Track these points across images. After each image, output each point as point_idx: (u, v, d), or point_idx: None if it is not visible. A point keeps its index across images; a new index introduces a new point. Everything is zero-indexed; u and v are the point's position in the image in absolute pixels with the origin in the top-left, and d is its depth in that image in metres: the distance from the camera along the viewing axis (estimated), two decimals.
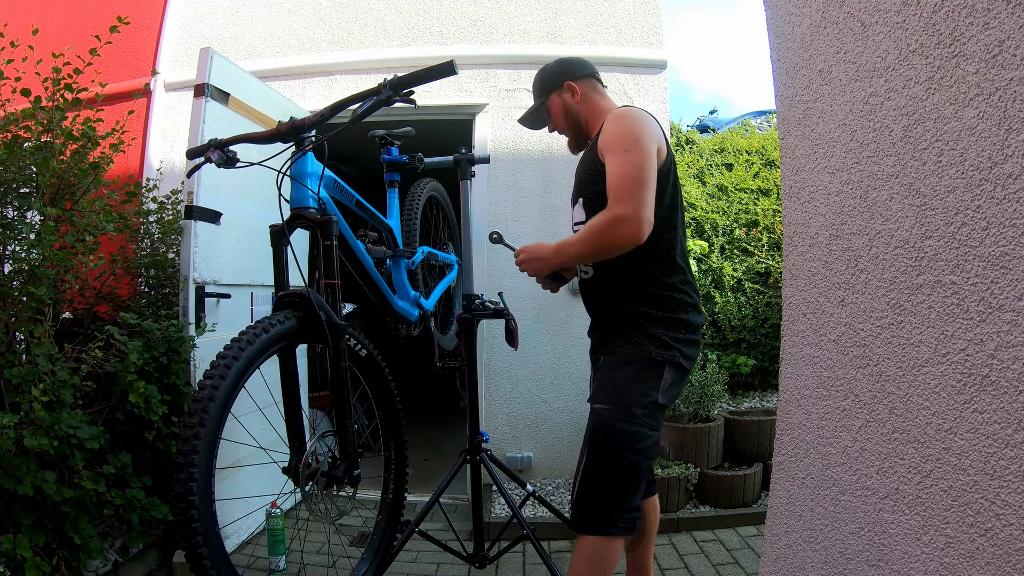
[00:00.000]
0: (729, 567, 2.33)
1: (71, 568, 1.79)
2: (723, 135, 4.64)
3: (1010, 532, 0.73)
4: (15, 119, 2.03)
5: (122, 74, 3.39)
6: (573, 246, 1.46)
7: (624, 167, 1.38)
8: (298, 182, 1.40)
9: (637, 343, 1.44)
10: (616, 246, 1.38)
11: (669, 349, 1.44)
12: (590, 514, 1.42)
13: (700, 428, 2.92)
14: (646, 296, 1.47)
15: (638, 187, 1.35)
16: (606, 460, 1.40)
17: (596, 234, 1.38)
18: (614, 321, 1.51)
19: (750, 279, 3.73)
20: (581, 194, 1.56)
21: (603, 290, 1.54)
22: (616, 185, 1.37)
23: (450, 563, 2.32)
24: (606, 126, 1.48)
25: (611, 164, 1.40)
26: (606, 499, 1.41)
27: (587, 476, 1.42)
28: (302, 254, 1.66)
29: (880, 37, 0.92)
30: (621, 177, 1.37)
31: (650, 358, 1.43)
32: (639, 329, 1.45)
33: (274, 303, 1.37)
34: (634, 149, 1.39)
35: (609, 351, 1.51)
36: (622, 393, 1.42)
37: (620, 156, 1.39)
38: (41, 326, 1.81)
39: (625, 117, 1.46)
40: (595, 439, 1.43)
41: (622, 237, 1.35)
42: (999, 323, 0.75)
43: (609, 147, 1.43)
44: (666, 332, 1.45)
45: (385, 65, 3.34)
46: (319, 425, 2.57)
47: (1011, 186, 0.72)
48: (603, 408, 1.43)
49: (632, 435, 1.40)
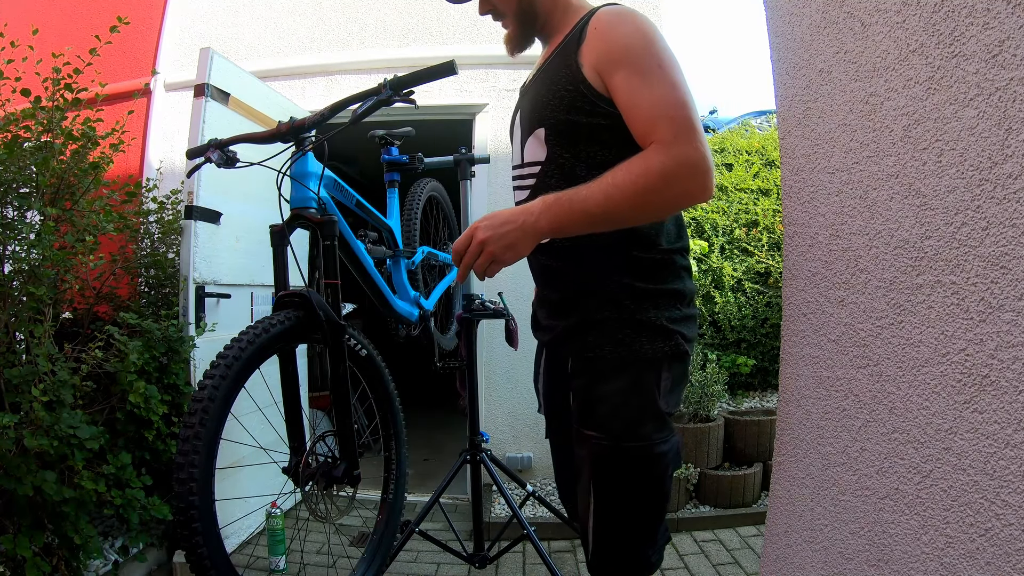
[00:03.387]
0: (729, 567, 2.33)
1: (71, 568, 1.79)
2: (723, 135, 4.64)
3: (1010, 532, 0.73)
4: (15, 119, 2.03)
5: (122, 74, 3.39)
6: (594, 203, 0.96)
7: (666, 90, 0.97)
8: (298, 182, 1.40)
9: (625, 341, 1.06)
10: (679, 204, 1.02)
11: (668, 337, 1.07)
12: (620, 564, 1.11)
13: (700, 428, 2.92)
14: (635, 264, 1.07)
15: (696, 118, 0.97)
16: (622, 498, 1.08)
17: (655, 185, 0.94)
18: (589, 302, 1.10)
19: (750, 279, 3.73)
20: (542, 122, 1.09)
21: (575, 254, 1.10)
22: (664, 115, 0.96)
23: (450, 563, 2.32)
24: (602, 29, 1.02)
25: (638, 85, 0.98)
26: (634, 541, 1.11)
27: (603, 522, 1.09)
28: (302, 254, 1.66)
29: (880, 37, 0.92)
30: (669, 104, 0.97)
31: (645, 359, 1.07)
32: (626, 317, 1.07)
33: (274, 303, 1.36)
34: (669, 64, 0.99)
35: (586, 353, 1.10)
36: (619, 413, 1.07)
37: (654, 74, 0.98)
38: (41, 326, 1.81)
39: (635, 19, 1.02)
40: (601, 477, 1.08)
41: (693, 190, 0.96)
42: (999, 323, 0.75)
43: (626, 61, 0.99)
44: (660, 313, 1.07)
45: (385, 65, 3.35)
46: (319, 425, 2.57)
47: (1011, 186, 0.72)
48: (600, 437, 1.07)
49: (647, 459, 1.07)
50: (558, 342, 1.17)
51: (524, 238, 0.98)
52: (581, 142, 1.06)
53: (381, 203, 2.07)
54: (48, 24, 3.36)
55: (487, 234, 0.97)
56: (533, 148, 1.12)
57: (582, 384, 1.12)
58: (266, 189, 1.43)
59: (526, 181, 1.16)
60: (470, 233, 0.99)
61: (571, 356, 1.14)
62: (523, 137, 1.14)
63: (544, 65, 1.14)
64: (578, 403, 1.12)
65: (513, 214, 0.99)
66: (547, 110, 1.07)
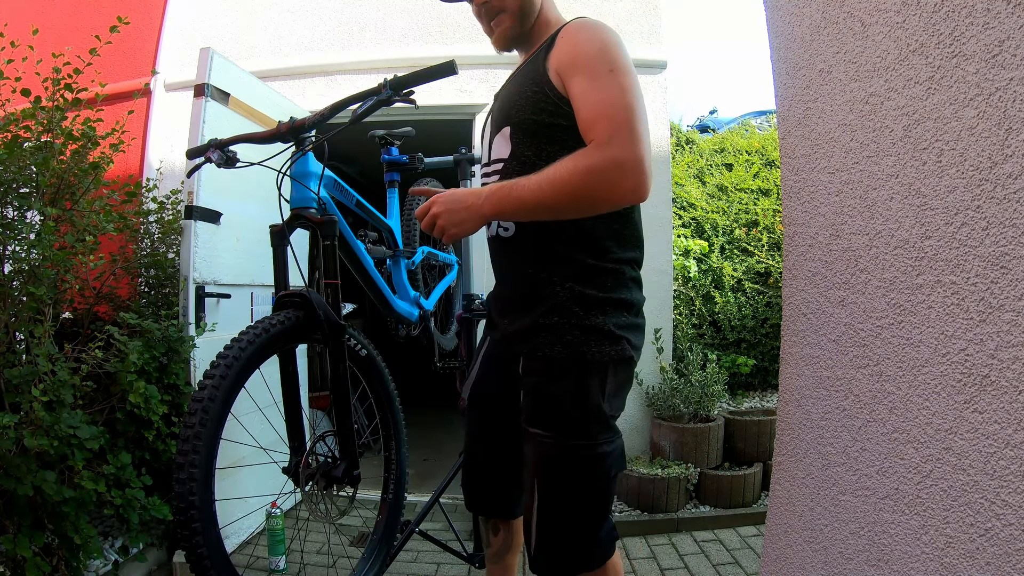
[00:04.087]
0: (729, 567, 2.33)
1: (71, 568, 1.79)
2: (723, 135, 4.64)
3: (1010, 532, 0.73)
4: (15, 119, 2.03)
5: (122, 74, 3.39)
6: (529, 192, 1.04)
7: (612, 92, 1.03)
8: (298, 182, 1.40)
9: (574, 343, 1.10)
10: (608, 202, 1.05)
11: (615, 342, 1.11)
12: (562, 560, 1.14)
13: (700, 428, 2.92)
14: (586, 272, 1.12)
15: (636, 122, 1.02)
16: (566, 496, 1.11)
17: (581, 181, 1.01)
18: (538, 304, 1.13)
19: (750, 279, 3.73)
20: (508, 121, 1.16)
21: (529, 256, 1.15)
22: (605, 115, 1.02)
23: (450, 563, 2.32)
24: (568, 37, 1.10)
25: (587, 88, 1.05)
26: (575, 539, 1.14)
27: (547, 518, 1.12)
28: (302, 254, 1.66)
29: (880, 37, 0.92)
30: (611, 106, 1.02)
31: (593, 362, 1.10)
32: (575, 322, 1.11)
33: (274, 303, 1.36)
34: (621, 71, 1.05)
35: (535, 352, 1.14)
36: (565, 413, 1.11)
37: (604, 78, 1.04)
38: (41, 326, 1.81)
39: (597, 28, 1.10)
40: (545, 473, 1.12)
41: (622, 190, 1.01)
42: (999, 323, 0.75)
43: (581, 65, 1.06)
44: (608, 319, 1.11)
45: (385, 65, 3.34)
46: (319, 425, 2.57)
47: (1011, 186, 0.72)
48: (545, 435, 1.11)
49: (590, 459, 1.11)
50: (510, 340, 1.20)
51: (471, 218, 1.09)
52: (543, 141, 1.12)
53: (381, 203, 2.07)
54: (48, 24, 3.36)
55: (441, 208, 1.10)
56: (499, 145, 1.19)
57: (532, 383, 1.15)
58: (266, 189, 1.44)
59: (491, 178, 1.22)
60: (429, 205, 1.12)
61: (522, 355, 1.17)
62: (491, 136, 1.22)
63: (517, 71, 1.23)
64: (528, 401, 1.16)
65: (466, 195, 1.10)
66: (514, 109, 1.15)
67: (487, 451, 1.37)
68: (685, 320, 3.67)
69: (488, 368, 1.35)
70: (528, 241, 1.16)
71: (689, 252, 3.70)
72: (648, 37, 3.36)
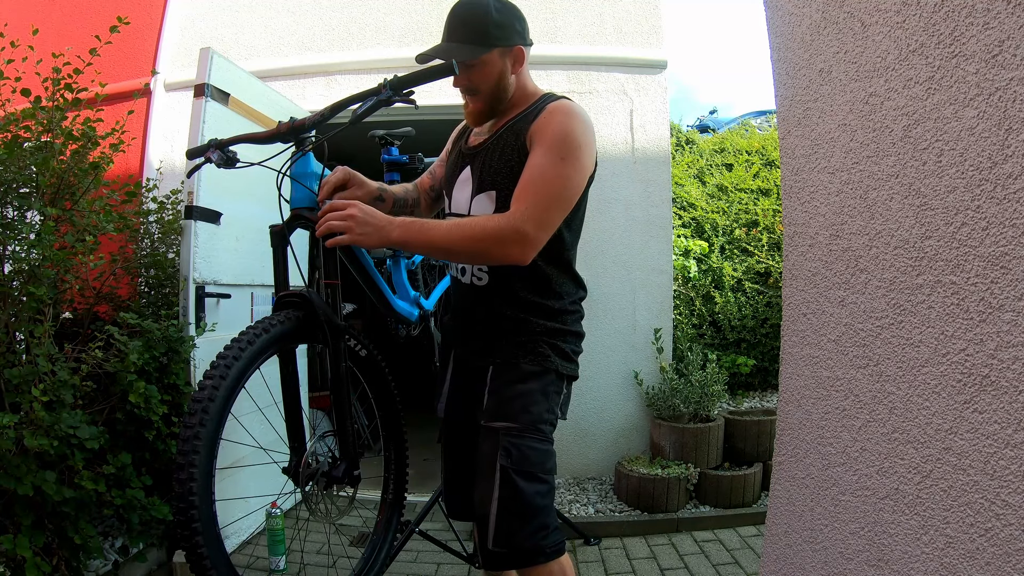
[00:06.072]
0: (729, 567, 2.33)
1: (71, 568, 1.79)
2: (723, 135, 4.65)
3: (1010, 532, 0.73)
4: (15, 119, 2.03)
5: (122, 74, 3.39)
6: (438, 234, 1.20)
7: (552, 177, 1.19)
8: (298, 182, 1.40)
9: (543, 355, 1.30)
10: (496, 261, 1.23)
11: (572, 362, 1.36)
12: (520, 547, 1.24)
13: (700, 428, 2.92)
14: (552, 311, 1.33)
15: (555, 208, 1.20)
16: (525, 485, 1.23)
17: (482, 238, 1.17)
18: (514, 332, 1.33)
19: (750, 279, 3.73)
20: (495, 187, 1.30)
21: (507, 300, 1.33)
22: (533, 191, 1.19)
23: (450, 563, 2.32)
24: (547, 116, 1.25)
25: (537, 161, 1.20)
26: (531, 527, 1.24)
27: (506, 505, 1.23)
28: (302, 254, 1.66)
29: (880, 37, 0.92)
30: (544, 185, 1.19)
31: (557, 371, 1.31)
32: (546, 340, 1.31)
33: (274, 303, 1.36)
34: (571, 161, 1.21)
35: (507, 361, 1.31)
36: (531, 410, 1.27)
37: (553, 161, 1.20)
38: (41, 326, 1.81)
39: (572, 116, 1.24)
40: (508, 463, 1.24)
41: (511, 255, 1.19)
42: (999, 323, 0.75)
43: (545, 141, 1.22)
44: (568, 345, 1.35)
45: (385, 65, 3.34)
46: (319, 425, 2.57)
47: (1011, 186, 0.72)
48: (512, 428, 1.26)
49: (545, 454, 1.27)
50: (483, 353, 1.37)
51: (375, 236, 1.20)
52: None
53: None
54: (48, 24, 3.36)
55: (357, 216, 1.19)
56: (482, 204, 1.32)
57: (500, 384, 1.31)
58: (266, 189, 1.43)
59: None
60: (347, 205, 1.21)
61: (493, 365, 1.34)
62: (473, 191, 1.35)
63: (497, 134, 1.34)
64: (492, 400, 1.31)
65: (381, 219, 1.22)
66: (499, 176, 1.29)
67: (456, 466, 1.51)
68: (685, 320, 3.67)
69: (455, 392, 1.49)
70: (503, 288, 1.32)
71: (689, 252, 3.70)
72: (648, 37, 3.35)
